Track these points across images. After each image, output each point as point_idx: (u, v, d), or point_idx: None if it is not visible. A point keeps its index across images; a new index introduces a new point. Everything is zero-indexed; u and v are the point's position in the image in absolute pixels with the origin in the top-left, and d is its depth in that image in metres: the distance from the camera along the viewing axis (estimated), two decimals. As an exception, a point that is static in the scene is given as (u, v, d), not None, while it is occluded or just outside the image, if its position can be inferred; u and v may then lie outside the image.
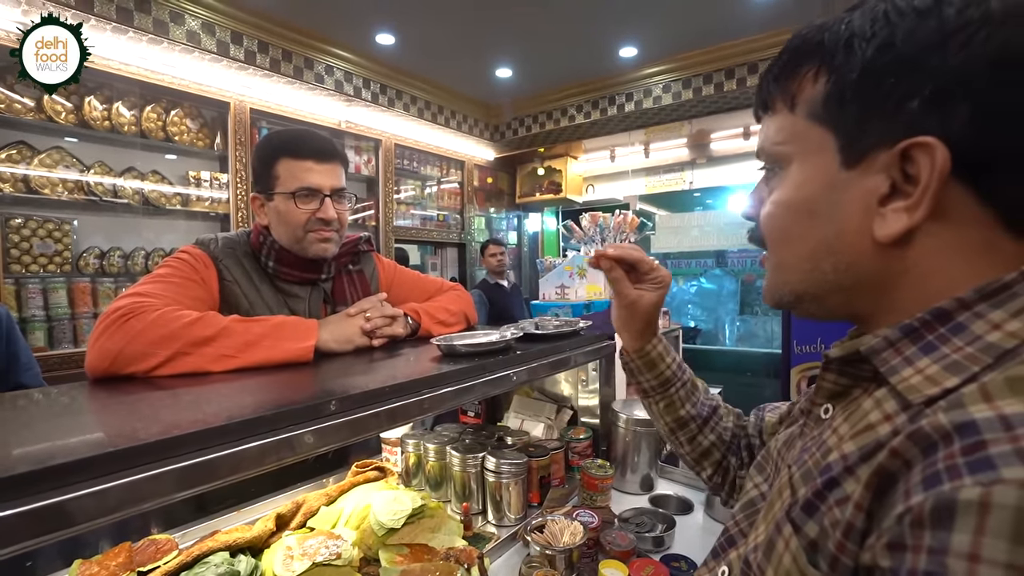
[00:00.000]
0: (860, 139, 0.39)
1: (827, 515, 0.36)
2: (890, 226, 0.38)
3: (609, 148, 4.94)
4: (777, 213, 0.47)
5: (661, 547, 1.08)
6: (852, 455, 0.37)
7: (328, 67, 3.46)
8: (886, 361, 0.39)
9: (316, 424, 0.65)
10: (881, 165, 0.38)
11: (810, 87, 0.42)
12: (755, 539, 0.45)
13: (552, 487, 1.25)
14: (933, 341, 0.37)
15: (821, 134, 0.42)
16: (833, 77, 0.40)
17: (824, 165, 0.42)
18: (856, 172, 0.40)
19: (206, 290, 1.04)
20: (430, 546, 0.91)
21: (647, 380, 0.80)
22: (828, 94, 0.41)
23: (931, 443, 0.31)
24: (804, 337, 2.72)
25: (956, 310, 0.37)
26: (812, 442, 0.45)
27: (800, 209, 0.44)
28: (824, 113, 0.41)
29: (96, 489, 0.46)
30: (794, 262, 0.46)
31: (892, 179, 0.38)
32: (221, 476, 0.56)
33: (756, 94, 0.50)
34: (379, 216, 4.03)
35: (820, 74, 0.42)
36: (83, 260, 2.61)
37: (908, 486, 0.31)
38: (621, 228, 2.09)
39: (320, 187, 1.10)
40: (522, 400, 1.57)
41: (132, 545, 0.82)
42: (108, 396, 0.77)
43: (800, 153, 0.44)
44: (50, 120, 2.46)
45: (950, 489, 0.27)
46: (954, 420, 0.30)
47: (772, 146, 0.47)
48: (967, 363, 0.34)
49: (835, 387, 0.46)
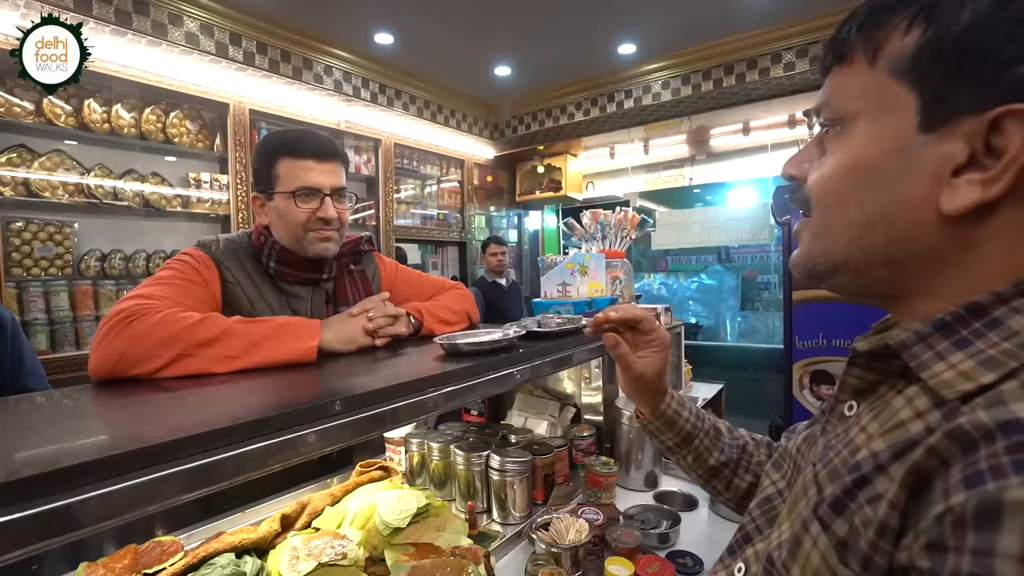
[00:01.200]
0: (947, 101, 0.36)
1: (858, 513, 0.35)
2: (961, 198, 0.36)
3: (609, 145, 4.94)
4: (834, 173, 0.43)
5: (666, 544, 1.08)
6: (883, 453, 0.36)
7: (327, 67, 3.45)
8: (917, 356, 0.38)
9: (320, 424, 0.65)
10: (964, 132, 0.36)
11: (898, 40, 0.39)
12: (778, 537, 0.44)
13: (557, 485, 1.25)
14: (967, 336, 0.36)
15: (902, 92, 0.38)
16: (931, 30, 0.37)
17: (898, 126, 0.39)
18: (934, 137, 0.37)
19: (208, 292, 1.04)
20: (436, 545, 0.91)
21: (669, 438, 0.77)
22: (920, 48, 0.37)
23: (971, 441, 0.30)
24: (806, 332, 2.72)
25: (992, 304, 0.36)
26: (837, 440, 0.44)
27: (863, 170, 0.41)
28: (911, 69, 0.38)
29: (102, 492, 0.46)
30: (843, 228, 0.43)
31: (973, 149, 0.36)
32: (226, 477, 0.56)
33: (829, 43, 0.45)
34: (379, 216, 4.03)
35: (915, 26, 0.38)
36: (84, 263, 2.61)
37: (947, 485, 0.30)
38: (622, 225, 2.09)
39: (320, 186, 1.10)
40: (525, 398, 1.57)
41: (137, 547, 0.82)
42: (112, 398, 0.77)
43: (873, 110, 0.41)
44: (50, 123, 2.46)
45: (995, 489, 0.27)
46: (997, 418, 0.29)
47: (840, 101, 0.43)
48: (1004, 359, 0.33)
49: (861, 383, 0.45)
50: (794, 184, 0.48)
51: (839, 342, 2.60)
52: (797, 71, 3.42)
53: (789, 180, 0.49)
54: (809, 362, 2.71)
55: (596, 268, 1.86)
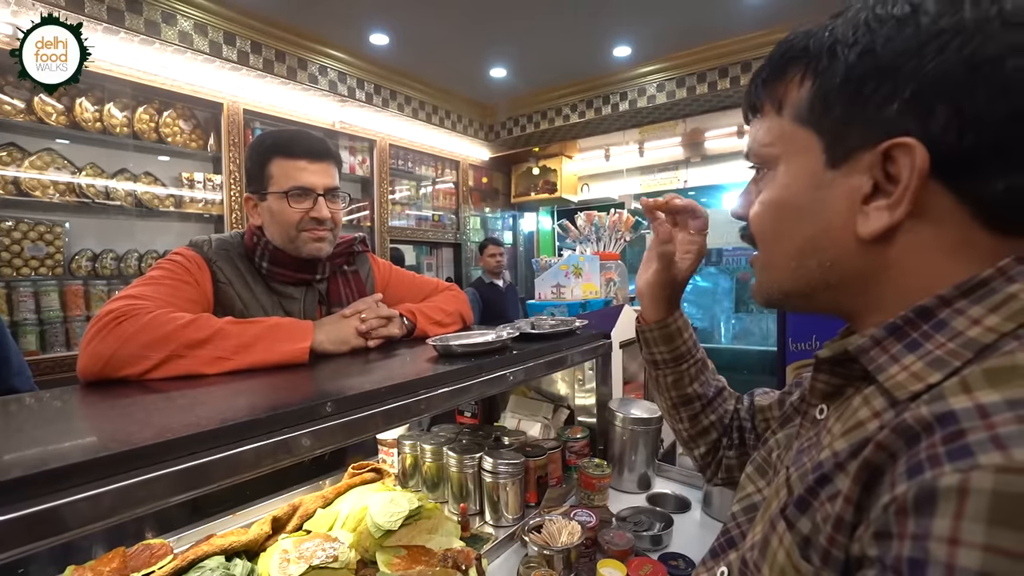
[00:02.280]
0: (844, 140, 0.41)
1: (819, 510, 0.37)
2: (872, 223, 0.40)
3: (604, 147, 4.95)
4: (765, 212, 0.48)
5: (659, 546, 1.08)
6: (843, 452, 0.38)
7: (322, 67, 3.44)
8: (874, 360, 0.40)
9: (312, 426, 0.64)
10: (864, 165, 0.40)
11: (796, 91, 0.44)
12: (752, 539, 0.46)
13: (549, 487, 1.25)
14: (917, 338, 0.38)
15: (807, 136, 0.43)
16: (818, 81, 0.42)
17: (810, 165, 0.43)
18: (841, 172, 0.41)
19: (200, 292, 1.04)
20: (427, 547, 0.90)
21: (661, 352, 0.79)
22: (813, 98, 0.42)
23: (914, 434, 0.32)
24: (799, 335, 2.73)
25: (938, 307, 0.38)
26: (808, 443, 0.46)
27: (787, 207, 0.45)
28: (809, 116, 0.43)
29: (89, 494, 0.46)
30: (782, 260, 0.47)
31: (875, 179, 0.39)
32: (216, 479, 0.55)
33: (745, 98, 0.51)
34: (374, 217, 4.02)
35: (805, 78, 0.43)
36: (75, 263, 2.59)
37: (893, 477, 0.32)
38: (616, 227, 2.09)
39: (313, 186, 1.09)
40: (519, 400, 1.57)
41: (126, 550, 0.81)
42: (101, 399, 0.76)
43: (787, 154, 0.45)
44: (41, 121, 2.44)
45: (931, 477, 0.29)
46: (935, 411, 0.32)
47: (760, 147, 0.48)
48: (949, 359, 0.35)
49: (827, 387, 0.47)
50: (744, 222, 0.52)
51: (832, 344, 2.61)
52: (791, 75, 3.44)
53: (737, 219, 0.54)
54: (802, 364, 2.71)
55: (590, 270, 1.86)
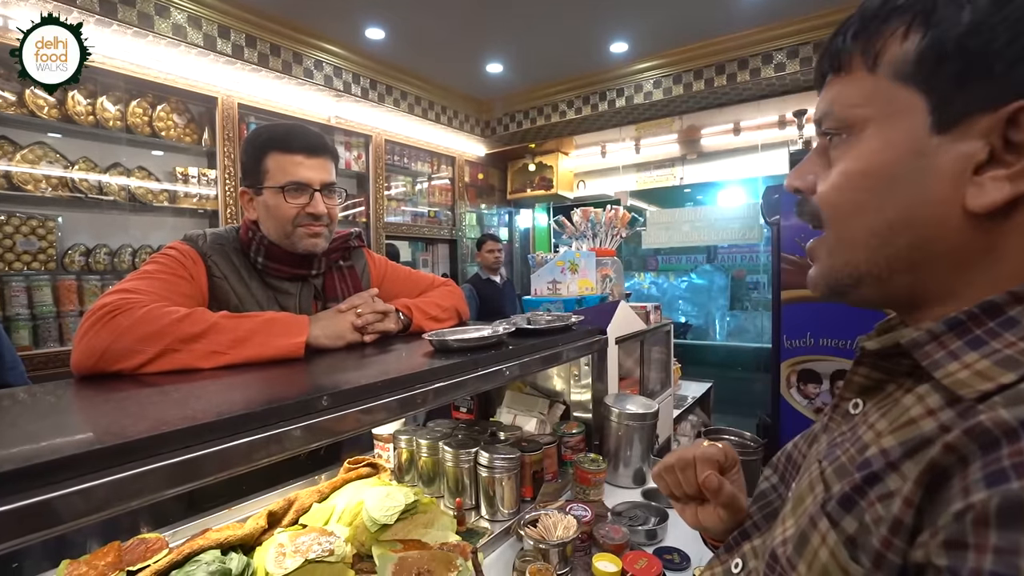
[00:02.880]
0: (958, 101, 0.36)
1: (868, 511, 0.35)
2: (989, 195, 0.35)
3: (600, 144, 4.95)
4: (847, 183, 0.42)
5: (654, 540, 1.08)
6: (894, 450, 0.36)
7: (317, 62, 3.42)
8: (929, 355, 0.38)
9: (307, 420, 0.64)
10: (980, 130, 0.36)
11: (898, 45, 0.39)
12: (783, 533, 0.43)
13: (545, 482, 1.25)
14: (981, 336, 0.36)
15: (909, 96, 0.38)
16: (931, 33, 0.37)
17: (910, 129, 0.38)
18: (949, 137, 0.37)
19: (195, 286, 1.03)
20: (423, 542, 0.91)
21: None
22: (923, 52, 0.37)
23: (992, 439, 0.30)
24: (794, 332, 2.75)
25: (1008, 304, 0.35)
26: (843, 437, 0.44)
27: (879, 177, 0.40)
28: (916, 73, 0.38)
29: (83, 487, 0.46)
30: (863, 237, 0.42)
31: (992, 146, 0.35)
32: (211, 473, 0.55)
33: (823, 54, 0.45)
34: (370, 212, 4.01)
35: (913, 31, 0.38)
36: (68, 257, 2.57)
37: (966, 483, 0.29)
38: (612, 223, 2.09)
39: (310, 181, 1.09)
40: (514, 395, 1.57)
41: (121, 544, 0.81)
42: (95, 394, 0.76)
43: (881, 116, 0.40)
44: (32, 115, 2.41)
45: (1020, 487, 0.26)
46: (1020, 416, 0.29)
47: (845, 109, 0.42)
48: (1022, 359, 0.33)
49: (867, 381, 0.45)
50: (801, 197, 0.47)
51: (826, 341, 2.63)
52: (788, 72, 3.44)
53: (795, 193, 0.48)
54: (797, 361, 2.73)
55: (586, 266, 1.86)
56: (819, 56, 0.46)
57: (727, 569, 0.52)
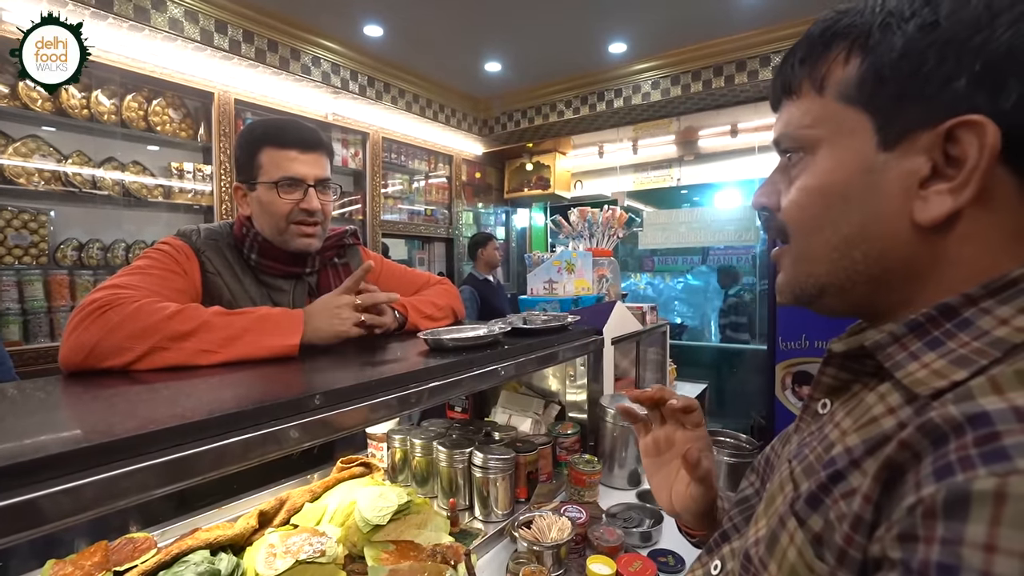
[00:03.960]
0: (899, 120, 0.38)
1: (832, 508, 0.36)
2: (933, 209, 0.37)
3: (597, 144, 4.94)
4: (805, 200, 0.44)
5: (649, 542, 1.08)
6: (857, 448, 0.37)
7: (315, 58, 3.40)
8: (891, 356, 0.39)
9: (300, 419, 0.63)
10: (922, 146, 0.37)
11: (840, 69, 0.41)
12: (755, 533, 0.45)
13: (540, 483, 1.24)
14: (939, 337, 0.37)
15: (855, 116, 0.40)
16: (869, 58, 0.39)
17: (859, 148, 0.40)
18: (895, 154, 0.39)
19: (188, 282, 1.02)
20: (416, 543, 0.90)
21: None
22: (863, 75, 0.39)
23: (941, 434, 0.31)
24: (789, 333, 2.75)
25: (963, 306, 0.37)
26: (811, 436, 0.45)
27: (832, 194, 0.42)
28: (859, 94, 0.40)
29: (69, 486, 0.45)
30: (822, 251, 0.44)
31: (933, 161, 0.37)
32: (200, 473, 0.54)
33: (776, 80, 0.48)
34: (366, 210, 3.99)
35: (853, 55, 0.40)
36: (60, 252, 2.55)
37: (918, 477, 0.30)
38: (609, 224, 2.09)
39: (304, 177, 1.08)
40: (510, 395, 1.57)
41: (109, 544, 0.80)
42: (83, 390, 0.75)
43: (831, 136, 0.42)
44: (25, 108, 2.39)
45: (964, 480, 0.27)
46: (965, 411, 0.30)
47: (798, 130, 0.45)
48: (975, 357, 0.34)
49: (834, 382, 0.46)
50: (767, 214, 0.49)
51: (822, 343, 2.62)
52: (785, 74, 3.44)
53: (761, 210, 0.50)
54: (792, 363, 2.73)
55: (583, 266, 1.86)
56: (772, 81, 0.49)
57: (707, 571, 0.53)
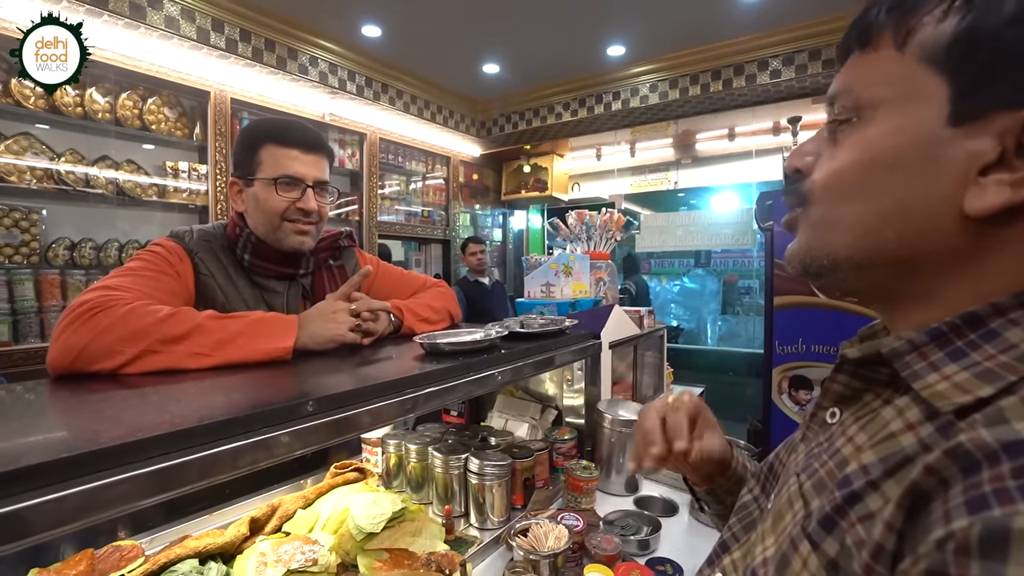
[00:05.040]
0: (981, 94, 0.34)
1: (849, 532, 0.34)
2: (988, 199, 0.34)
3: (595, 147, 4.95)
4: (848, 164, 0.40)
5: (647, 550, 1.06)
6: (874, 467, 0.34)
7: (312, 58, 3.39)
8: (909, 365, 0.37)
9: (292, 426, 0.62)
10: (996, 129, 0.34)
11: (933, 25, 0.36)
12: (763, 552, 0.42)
13: (536, 489, 1.23)
14: (963, 347, 0.35)
15: (932, 81, 0.36)
16: (971, 17, 0.34)
17: (925, 117, 0.36)
18: (963, 131, 0.35)
19: (181, 284, 1.00)
20: (410, 551, 0.88)
21: (733, 499, 0.64)
22: (959, 35, 0.35)
23: (973, 461, 0.28)
24: (786, 337, 2.75)
25: (990, 316, 0.34)
26: (820, 448, 0.43)
27: (882, 161, 0.38)
28: (946, 57, 0.35)
29: (49, 498, 0.43)
30: (852, 220, 0.40)
31: (1003, 147, 0.33)
32: (190, 482, 0.53)
33: (853, 26, 0.42)
34: (363, 211, 3.97)
35: (953, 11, 0.35)
36: (52, 251, 2.52)
37: (947, 508, 0.28)
38: (607, 226, 2.08)
39: (304, 177, 1.07)
40: (506, 400, 1.55)
41: (95, 552, 0.78)
42: (71, 394, 0.73)
43: (898, 99, 0.38)
44: (18, 105, 2.36)
45: (1002, 515, 0.25)
46: (1000, 437, 0.28)
47: (863, 87, 0.40)
48: (1002, 372, 0.32)
49: (845, 390, 0.44)
50: (791, 176, 0.45)
51: (819, 348, 2.62)
52: (783, 78, 3.45)
53: (794, 174, 0.46)
54: (789, 367, 2.73)
55: (580, 269, 1.85)
56: (848, 30, 0.43)
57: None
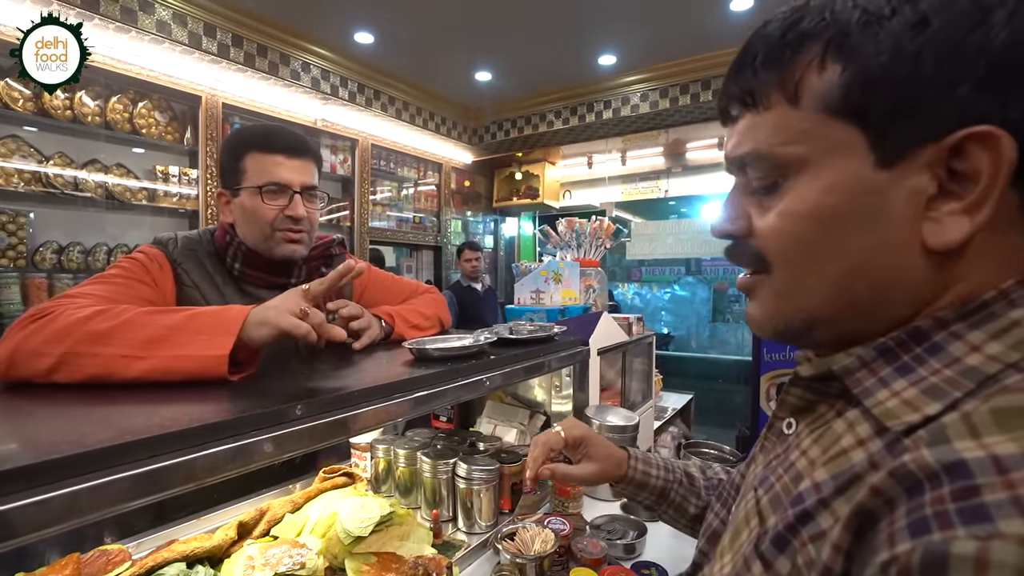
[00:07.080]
0: (896, 134, 0.34)
1: (800, 552, 0.34)
2: (948, 232, 0.33)
3: (586, 155, 4.99)
4: (794, 227, 0.38)
5: (632, 554, 1.08)
6: (826, 484, 0.35)
7: (304, 64, 3.40)
8: (860, 382, 0.37)
9: (280, 430, 0.62)
10: (925, 162, 0.33)
11: (816, 77, 0.36)
12: (720, 570, 0.42)
13: (524, 494, 1.24)
14: (909, 362, 0.35)
15: (844, 131, 0.35)
16: (852, 63, 0.34)
17: (853, 167, 0.35)
18: (895, 172, 0.34)
19: (157, 293, 0.96)
20: (398, 555, 0.88)
21: (646, 498, 0.79)
22: (848, 83, 0.34)
23: (915, 482, 0.28)
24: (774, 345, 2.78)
25: (933, 329, 0.35)
26: (777, 461, 0.44)
27: (831, 219, 0.37)
28: (845, 106, 0.35)
29: (35, 500, 0.43)
30: (818, 284, 0.38)
31: (938, 178, 0.33)
32: (176, 485, 0.53)
33: (729, 87, 0.42)
34: (354, 217, 3.98)
35: (829, 61, 0.35)
36: (39, 255, 2.50)
37: (892, 530, 0.28)
38: (597, 234, 2.10)
39: (289, 183, 1.05)
40: (495, 405, 1.56)
41: (81, 556, 0.77)
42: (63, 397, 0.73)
43: (818, 155, 0.37)
44: (6, 107, 2.35)
45: (941, 540, 0.25)
46: (940, 459, 0.28)
47: (776, 148, 0.38)
48: (947, 387, 0.32)
49: (800, 402, 0.44)
50: (734, 241, 0.44)
51: (805, 355, 2.65)
52: (770, 90, 3.50)
53: (726, 238, 0.45)
54: (776, 374, 2.75)
55: (570, 276, 1.86)
56: (723, 88, 0.43)
57: None
